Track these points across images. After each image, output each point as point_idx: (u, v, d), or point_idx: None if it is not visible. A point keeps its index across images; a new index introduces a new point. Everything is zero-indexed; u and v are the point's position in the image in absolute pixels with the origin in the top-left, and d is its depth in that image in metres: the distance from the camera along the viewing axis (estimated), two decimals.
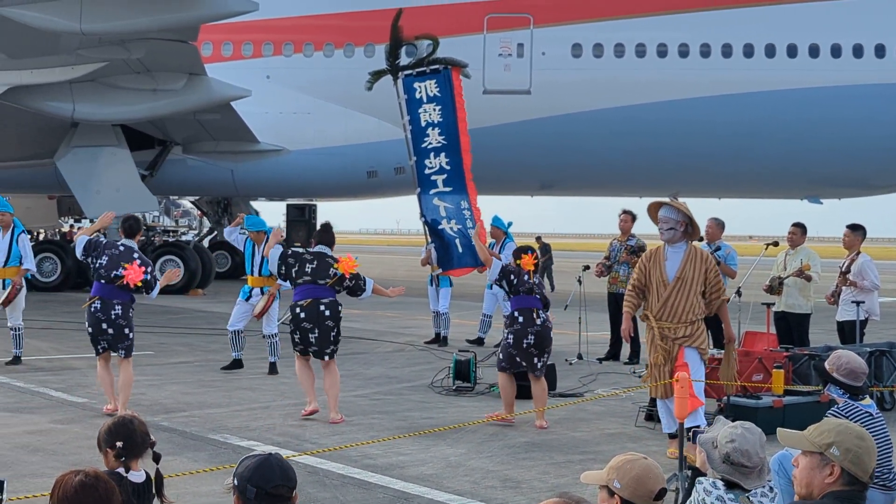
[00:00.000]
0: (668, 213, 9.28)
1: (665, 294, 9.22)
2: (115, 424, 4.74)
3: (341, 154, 27.77)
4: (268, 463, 3.73)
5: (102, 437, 4.70)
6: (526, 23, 26.72)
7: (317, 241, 10.98)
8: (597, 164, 27.39)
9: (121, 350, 10.64)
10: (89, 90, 24.13)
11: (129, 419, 4.83)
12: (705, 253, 9.42)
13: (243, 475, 3.71)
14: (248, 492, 3.67)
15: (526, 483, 8.11)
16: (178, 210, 52.47)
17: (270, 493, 3.68)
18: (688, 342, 9.17)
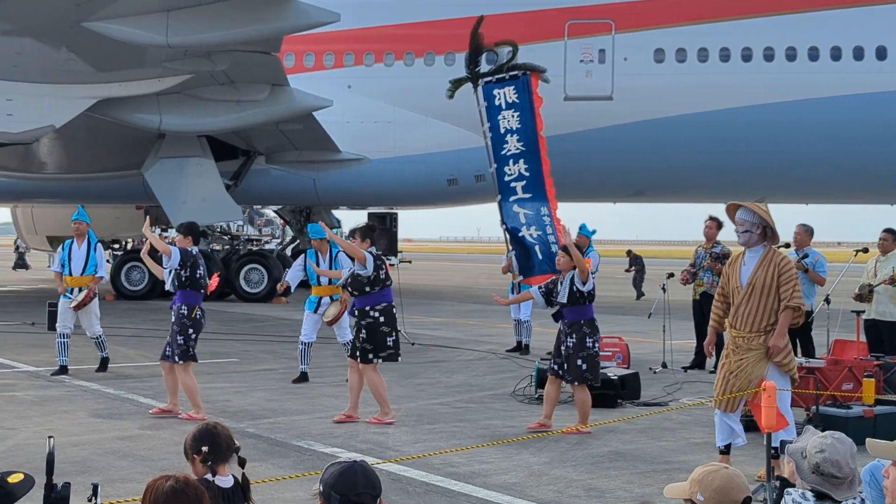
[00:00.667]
0: (744, 216, 8.82)
1: (738, 301, 8.82)
2: (200, 431, 4.80)
3: (422, 162, 27.88)
4: (352, 470, 3.74)
5: (188, 444, 4.76)
6: (607, 28, 26.55)
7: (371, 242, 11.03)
8: (681, 170, 27.08)
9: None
10: (175, 102, 24.58)
11: (213, 425, 4.89)
12: (781, 257, 8.83)
13: (328, 481, 3.73)
14: (333, 498, 3.69)
15: (610, 492, 8.04)
16: (262, 219, 53.04)
17: (353, 501, 3.69)
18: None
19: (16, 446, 9.30)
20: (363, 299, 10.69)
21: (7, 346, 16.91)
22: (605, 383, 12.25)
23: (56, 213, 37.28)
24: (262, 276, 28.18)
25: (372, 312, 10.67)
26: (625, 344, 15.19)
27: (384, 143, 27.82)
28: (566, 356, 10.59)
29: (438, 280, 44.81)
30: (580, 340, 10.57)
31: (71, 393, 12.50)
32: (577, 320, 10.62)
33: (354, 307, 10.78)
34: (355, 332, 10.85)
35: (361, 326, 10.69)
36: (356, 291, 10.68)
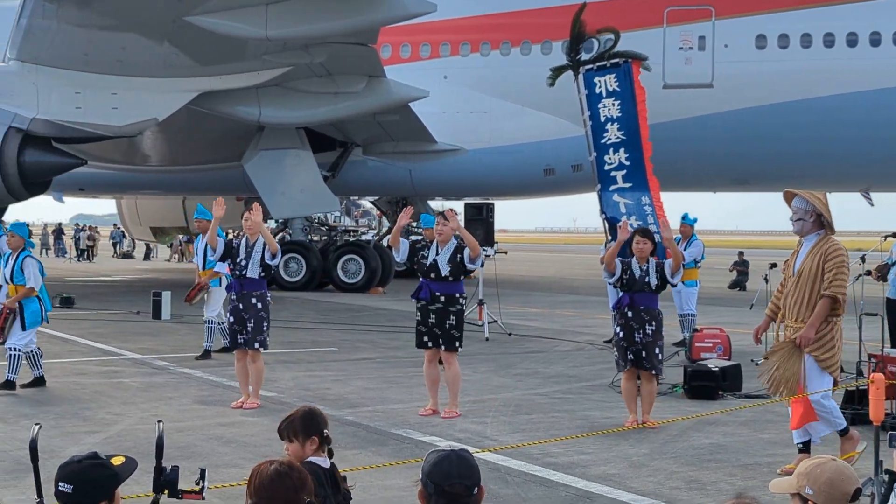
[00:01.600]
0: (799, 204, 8.53)
1: (787, 289, 8.59)
2: (313, 413, 4.88)
3: (518, 152, 27.81)
4: (448, 459, 3.74)
5: (303, 426, 4.81)
6: (707, 15, 26.13)
7: None
8: (783, 159, 26.52)
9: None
10: (274, 94, 24.92)
11: (318, 410, 4.98)
12: (830, 244, 8.41)
13: (426, 469, 3.74)
14: (429, 486, 3.70)
15: (712, 485, 7.92)
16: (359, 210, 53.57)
17: (447, 491, 3.69)
18: (808, 349, 8.43)
19: (123, 431, 9.53)
20: (455, 286, 10.61)
21: (113, 335, 17.36)
22: (706, 375, 12.08)
23: (160, 205, 38.17)
24: (359, 266, 28.41)
25: (460, 300, 10.63)
26: (726, 335, 14.93)
27: (480, 134, 27.82)
28: (644, 344, 10.24)
29: (534, 271, 44.68)
30: (659, 329, 10.36)
31: (175, 380, 12.77)
32: (653, 307, 10.40)
33: (436, 292, 10.58)
34: (435, 320, 10.56)
35: (450, 313, 10.58)
36: (451, 277, 10.54)
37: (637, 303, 10.31)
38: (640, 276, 10.33)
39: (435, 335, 10.56)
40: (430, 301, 10.52)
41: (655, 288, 10.37)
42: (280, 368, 13.69)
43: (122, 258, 53.99)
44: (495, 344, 16.98)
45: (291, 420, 4.82)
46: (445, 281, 10.49)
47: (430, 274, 10.53)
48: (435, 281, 10.52)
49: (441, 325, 10.50)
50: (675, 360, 14.72)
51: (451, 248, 10.52)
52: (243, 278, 11.16)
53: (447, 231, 10.53)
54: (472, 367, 14.15)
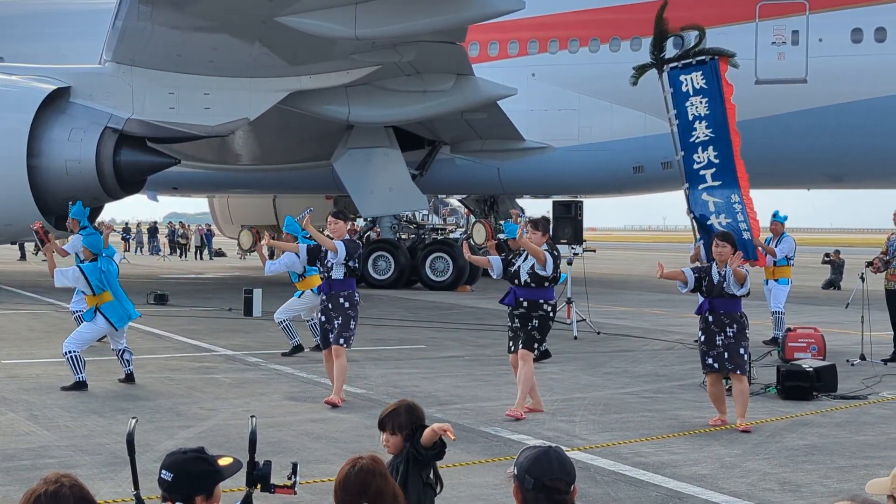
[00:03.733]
0: None
1: None
2: (413, 407, 4.96)
3: (607, 150, 27.62)
4: (547, 455, 3.74)
5: (407, 422, 4.88)
6: (801, 9, 25.64)
7: None
8: (879, 155, 25.90)
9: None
10: (363, 93, 25.11)
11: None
12: None
13: (523, 465, 3.73)
14: (527, 482, 3.69)
15: (806, 487, 7.76)
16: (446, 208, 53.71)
17: (547, 486, 3.68)
18: None
19: (216, 426, 9.69)
20: (538, 292, 10.57)
21: (206, 331, 17.66)
22: (800, 375, 11.85)
23: (251, 204, 38.73)
24: (447, 264, 28.48)
25: (545, 306, 10.59)
26: (820, 335, 14.64)
27: (568, 131, 27.68)
28: (726, 346, 10.11)
29: (623, 269, 44.32)
30: (741, 330, 10.18)
31: (266, 376, 12.94)
32: (735, 311, 10.23)
33: (520, 297, 10.57)
34: (519, 324, 10.60)
35: (532, 317, 10.55)
36: (534, 283, 10.55)
37: (717, 308, 10.21)
38: (718, 282, 10.19)
39: (518, 338, 10.63)
40: (515, 306, 10.62)
41: (738, 293, 10.21)
42: (369, 365, 13.79)
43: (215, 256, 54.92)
44: (584, 342, 16.89)
45: (396, 413, 4.86)
46: (528, 287, 10.53)
47: (514, 280, 10.61)
48: (520, 287, 10.58)
49: (524, 328, 10.59)
50: (769, 359, 14.48)
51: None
52: (330, 279, 11.28)
53: (534, 239, 10.53)
54: (560, 366, 14.09)
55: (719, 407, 10.25)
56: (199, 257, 54.33)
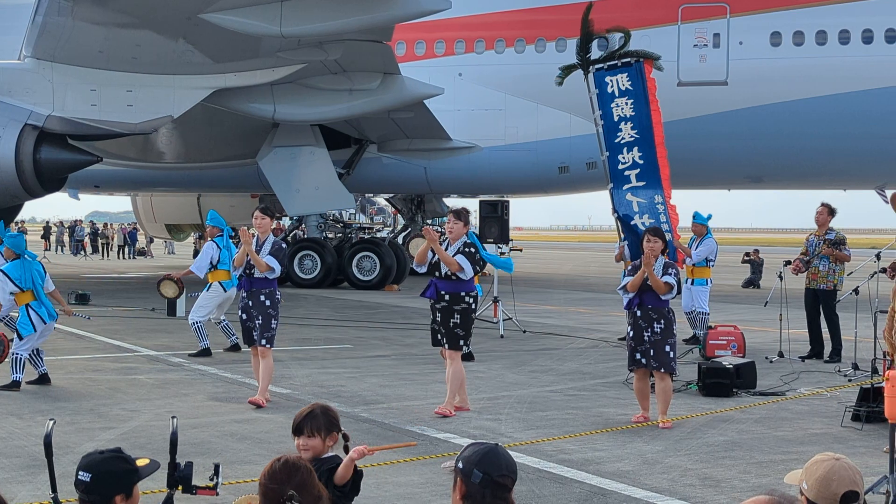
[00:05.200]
0: None
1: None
2: (329, 409, 4.94)
3: (532, 150, 27.79)
4: (496, 452, 3.81)
5: (329, 422, 4.86)
6: (722, 12, 26.06)
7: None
8: (798, 157, 26.44)
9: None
10: (289, 91, 24.96)
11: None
12: None
13: (470, 459, 3.76)
14: (475, 476, 3.72)
15: (726, 482, 7.90)
16: (374, 207, 53.69)
17: (495, 481, 3.75)
18: None
19: (138, 427, 9.57)
20: (460, 284, 10.51)
21: (129, 331, 17.43)
22: (721, 372, 12.06)
23: (175, 202, 38.28)
24: (374, 263, 28.44)
25: (467, 298, 10.59)
26: (740, 332, 14.90)
27: (495, 131, 27.81)
28: (653, 343, 10.20)
29: (549, 268, 44.66)
30: (668, 326, 10.30)
31: (190, 376, 12.81)
32: (662, 307, 10.33)
33: (441, 290, 10.51)
34: (441, 319, 10.52)
35: (454, 311, 10.47)
36: (454, 275, 10.48)
37: (645, 302, 10.29)
38: (647, 277, 10.30)
39: (437, 332, 10.62)
40: (437, 300, 10.55)
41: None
42: (294, 365, 13.73)
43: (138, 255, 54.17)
44: (510, 341, 16.99)
45: (313, 415, 4.84)
46: (449, 279, 10.47)
47: (435, 271, 10.56)
48: (440, 279, 10.52)
49: (445, 323, 10.50)
50: (690, 357, 14.71)
51: (457, 247, 10.52)
52: (252, 277, 11.18)
53: (456, 230, 10.54)
54: (486, 365, 14.17)
55: (643, 403, 10.37)
56: (122, 256, 53.55)
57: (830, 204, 15.52)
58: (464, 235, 10.59)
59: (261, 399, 10.81)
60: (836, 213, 15.53)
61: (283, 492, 3.81)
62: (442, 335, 10.57)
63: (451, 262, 10.35)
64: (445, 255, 10.41)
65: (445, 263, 10.38)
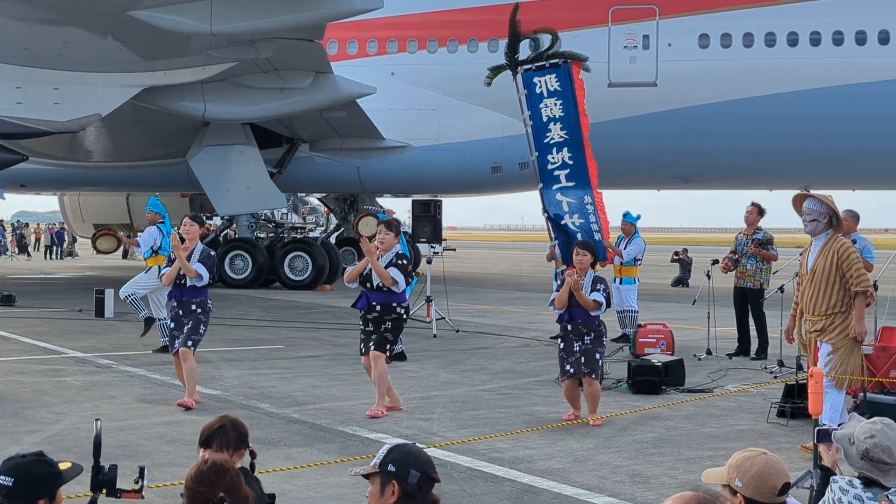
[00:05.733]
0: (812, 205, 9.15)
1: (803, 286, 9.21)
2: (239, 424, 4.83)
3: (465, 150, 27.86)
4: (418, 450, 3.85)
5: (234, 439, 4.77)
6: (651, 14, 26.35)
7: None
8: (726, 158, 26.83)
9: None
10: (219, 90, 24.75)
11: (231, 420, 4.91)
12: (840, 243, 9.07)
13: (404, 460, 3.76)
14: (412, 476, 3.73)
15: (654, 478, 8.01)
16: (306, 207, 53.40)
17: (431, 477, 3.78)
18: (820, 337, 9.03)
19: (64, 430, 9.42)
20: (392, 296, 10.51)
21: (55, 333, 17.14)
22: (650, 370, 12.20)
23: (103, 202, 37.73)
24: (306, 263, 28.31)
25: (398, 309, 10.60)
26: (669, 330, 15.11)
27: (428, 131, 27.82)
28: (583, 351, 10.28)
29: (482, 268, 44.80)
30: (598, 338, 10.41)
31: (118, 378, 12.64)
32: (592, 321, 10.41)
33: (373, 302, 10.51)
34: (372, 329, 10.55)
35: (385, 320, 10.49)
36: (385, 287, 10.49)
37: (575, 317, 10.39)
38: None
39: (370, 339, 10.57)
40: (368, 311, 10.55)
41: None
42: (225, 366, 13.61)
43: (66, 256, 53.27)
44: (443, 341, 17.02)
45: (223, 429, 4.71)
46: (380, 291, 10.48)
47: (366, 283, 10.53)
48: (372, 290, 10.51)
49: (377, 330, 10.54)
50: (620, 355, 14.86)
51: (388, 258, 10.51)
52: (183, 287, 11.07)
53: (388, 241, 10.52)
54: (419, 364, 14.18)
55: (574, 405, 10.48)
56: (49, 257, 52.65)
57: (760, 203, 15.79)
58: (396, 246, 10.61)
59: (190, 401, 10.70)
60: (765, 212, 15.81)
61: (213, 495, 3.78)
62: (371, 340, 10.53)
63: (386, 277, 10.38)
64: (381, 269, 10.42)
65: (380, 277, 10.39)
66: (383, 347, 10.52)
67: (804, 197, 9.25)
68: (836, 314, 8.99)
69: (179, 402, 10.74)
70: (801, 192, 9.41)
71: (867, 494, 4.54)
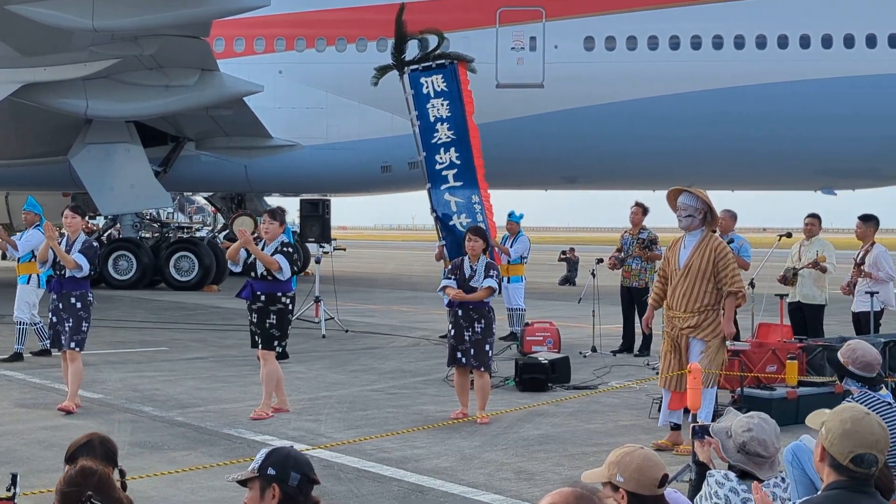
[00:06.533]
0: (687, 200, 9.21)
1: (675, 282, 9.26)
2: (108, 441, 4.68)
3: (355, 149, 27.77)
4: (297, 452, 3.85)
5: (101, 456, 4.62)
6: (538, 16, 26.66)
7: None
8: (611, 158, 27.30)
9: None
10: (102, 87, 24.22)
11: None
12: (717, 241, 9.23)
13: (283, 463, 3.75)
14: (293, 479, 3.72)
15: (540, 475, 8.12)
16: (193, 206, 52.60)
17: (311, 479, 3.78)
18: (693, 333, 9.13)
19: None
20: (276, 285, 10.41)
21: None
22: (537, 367, 12.36)
23: None
24: (192, 263, 27.87)
25: (283, 298, 10.52)
26: (555, 329, 15.32)
27: (317, 130, 27.65)
28: (473, 342, 10.36)
29: (372, 267, 44.75)
30: (489, 325, 10.50)
31: None
32: (482, 307, 10.48)
33: (257, 291, 10.40)
34: (256, 319, 10.42)
35: (270, 312, 10.39)
36: (270, 276, 10.37)
37: (466, 303, 10.44)
38: (469, 276, 10.47)
39: (253, 334, 10.53)
40: (252, 300, 10.45)
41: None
42: (108, 369, 13.33)
43: None
44: (332, 341, 16.96)
45: (90, 445, 4.56)
46: (265, 280, 10.38)
47: (251, 272, 10.45)
48: (257, 280, 10.42)
49: (261, 324, 10.41)
50: (508, 353, 15.01)
51: (273, 247, 10.42)
52: (63, 278, 10.80)
53: (272, 230, 10.44)
54: (307, 365, 14.10)
55: (462, 399, 10.54)
56: None
57: (644, 203, 16.13)
58: (280, 235, 10.53)
59: (70, 405, 10.46)
60: (648, 211, 16.16)
61: (81, 495, 3.72)
62: (258, 335, 10.47)
63: (271, 261, 10.28)
64: (262, 253, 10.34)
65: (264, 262, 10.31)
66: (271, 345, 10.44)
67: (679, 192, 9.31)
68: (709, 311, 9.10)
69: (60, 406, 10.49)
70: (676, 188, 9.43)
71: (742, 487, 4.69)
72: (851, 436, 3.99)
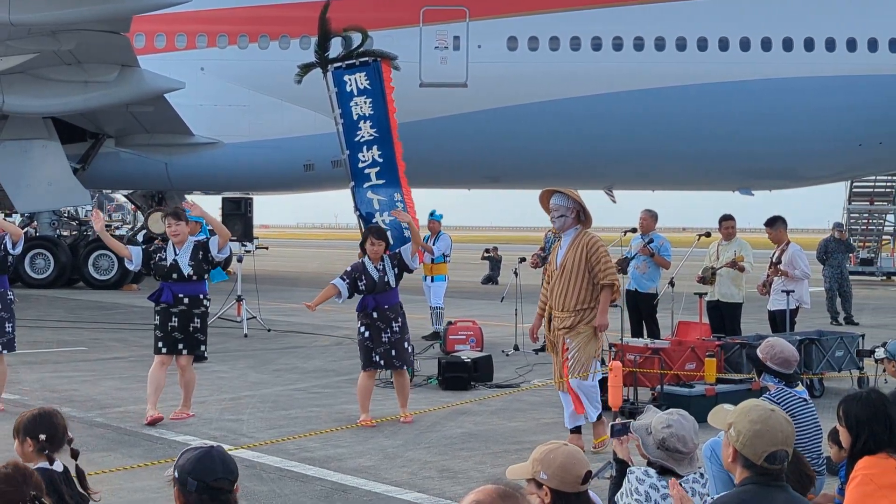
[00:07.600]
0: (559, 201, 9.20)
1: (553, 282, 9.23)
2: (40, 415, 4.72)
3: (277, 147, 27.59)
4: (209, 455, 3.71)
5: (24, 426, 4.68)
6: (461, 15, 26.74)
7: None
8: (533, 158, 27.48)
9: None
10: (19, 82, 23.74)
11: (53, 412, 4.83)
12: (589, 237, 9.15)
13: (185, 467, 3.68)
14: (189, 484, 3.65)
15: (463, 473, 8.16)
16: (112, 204, 51.82)
17: (211, 486, 3.66)
18: (568, 334, 9.10)
19: None
20: (198, 286, 10.22)
21: None
22: (459, 366, 12.42)
23: None
24: (111, 262, 27.42)
25: (205, 301, 10.31)
26: (478, 327, 15.39)
27: (239, 127, 27.41)
28: (392, 342, 10.24)
29: (295, 266, 44.47)
30: (405, 323, 10.44)
31: None
32: (396, 303, 10.46)
33: (179, 294, 10.10)
34: (178, 324, 10.11)
35: (194, 315, 10.14)
36: (196, 276, 10.19)
37: (381, 303, 10.32)
38: (378, 277, 10.38)
39: (174, 340, 10.14)
40: (173, 303, 10.12)
41: (396, 283, 10.46)
42: (24, 370, 13.08)
43: None
44: (254, 340, 16.85)
45: (20, 419, 4.72)
46: (189, 281, 10.17)
47: (171, 275, 10.15)
48: (177, 282, 10.17)
49: (184, 328, 10.13)
50: (431, 352, 15.04)
51: (190, 247, 10.25)
52: None
53: (182, 231, 10.18)
54: (229, 365, 13.99)
55: (365, 403, 10.23)
56: None
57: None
58: (195, 235, 10.39)
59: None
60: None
61: (23, 493, 3.66)
62: (174, 343, 10.14)
63: (121, 248, 10.34)
64: (114, 243, 10.44)
65: (218, 233, 10.15)
66: (198, 349, 10.25)
67: (551, 193, 9.27)
68: (585, 310, 9.03)
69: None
70: (549, 189, 9.36)
71: (662, 483, 4.77)
72: (762, 435, 4.08)
